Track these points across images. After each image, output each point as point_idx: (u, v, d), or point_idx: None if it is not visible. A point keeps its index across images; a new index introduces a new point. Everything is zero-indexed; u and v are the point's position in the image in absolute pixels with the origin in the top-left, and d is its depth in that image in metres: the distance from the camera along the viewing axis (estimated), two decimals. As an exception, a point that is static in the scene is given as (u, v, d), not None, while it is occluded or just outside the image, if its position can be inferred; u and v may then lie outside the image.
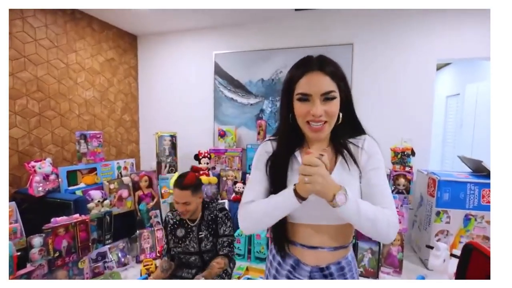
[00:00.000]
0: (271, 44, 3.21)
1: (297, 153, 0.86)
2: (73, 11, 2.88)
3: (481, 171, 2.50)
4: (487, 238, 2.34)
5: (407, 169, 2.53)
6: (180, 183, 1.54)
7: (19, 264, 1.70)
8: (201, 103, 3.54)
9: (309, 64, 0.79)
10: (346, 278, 0.86)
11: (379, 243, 2.32)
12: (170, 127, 3.47)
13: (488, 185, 2.31)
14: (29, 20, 2.49)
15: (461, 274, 1.13)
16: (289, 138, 0.86)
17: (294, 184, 0.75)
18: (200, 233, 1.62)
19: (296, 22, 3.08)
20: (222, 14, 3.01)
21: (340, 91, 0.79)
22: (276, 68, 3.22)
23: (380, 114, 2.92)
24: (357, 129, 0.86)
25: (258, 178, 0.88)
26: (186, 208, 1.52)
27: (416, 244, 2.74)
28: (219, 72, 3.43)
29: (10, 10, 2.32)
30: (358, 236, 2.34)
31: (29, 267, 1.69)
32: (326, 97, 0.77)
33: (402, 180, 2.53)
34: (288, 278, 0.88)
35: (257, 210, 0.82)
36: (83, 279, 2.02)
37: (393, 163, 2.57)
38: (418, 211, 2.76)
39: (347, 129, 0.85)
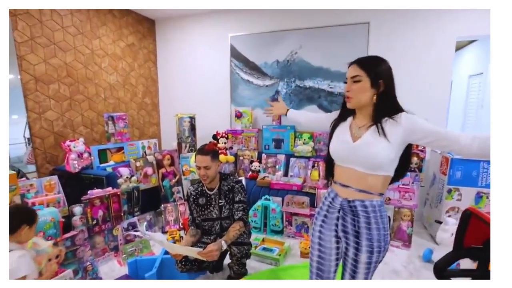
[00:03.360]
0: (286, 25, 3.23)
1: (349, 120, 1.20)
2: (95, -2, 3.01)
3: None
4: (498, 215, 2.38)
5: (420, 148, 2.56)
6: (202, 150, 1.73)
7: (64, 229, 1.94)
8: (218, 85, 3.65)
9: (352, 62, 1.13)
10: (369, 216, 1.10)
11: (388, 218, 2.42)
12: (189, 109, 3.62)
13: (501, 163, 2.33)
14: (57, 9, 2.64)
15: (459, 238, 1.23)
16: (343, 112, 1.23)
17: None
18: (220, 201, 1.79)
19: (310, 1, 3.07)
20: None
21: (371, 78, 1.07)
22: (291, 49, 3.25)
23: (399, 93, 2.93)
24: (395, 109, 1.10)
25: (327, 117, 1.36)
26: (206, 172, 1.69)
27: (427, 221, 2.82)
28: (235, 54, 3.50)
29: None
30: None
31: (72, 232, 1.92)
32: (354, 80, 1.09)
33: (415, 159, 2.58)
34: (329, 206, 1.19)
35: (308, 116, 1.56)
36: (117, 245, 2.26)
37: (406, 142, 2.61)
38: (431, 190, 2.81)
39: (386, 109, 1.09)
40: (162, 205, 2.76)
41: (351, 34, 3.01)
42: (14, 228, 1.24)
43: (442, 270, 1.25)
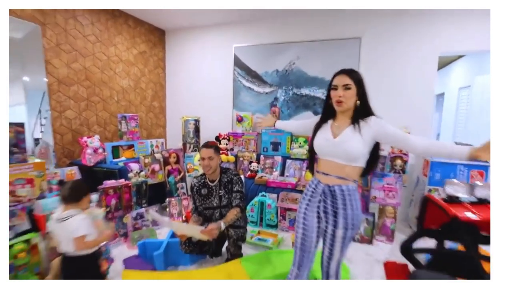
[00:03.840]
0: (286, 38, 3.53)
1: (330, 122, 1.44)
2: (113, 10, 3.33)
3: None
4: (474, 214, 2.61)
5: (403, 152, 2.81)
6: (207, 144, 2.03)
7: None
8: (221, 91, 3.94)
9: (340, 71, 1.38)
10: (345, 199, 1.34)
11: (373, 215, 2.66)
12: (194, 112, 3.90)
13: (475, 167, 2.57)
14: (79, 19, 2.96)
15: (420, 220, 1.47)
16: (325, 114, 1.47)
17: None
18: (220, 191, 2.04)
19: (308, 17, 3.38)
20: (241, 11, 3.36)
21: (356, 86, 1.32)
22: (290, 60, 3.54)
23: (384, 103, 3.18)
24: (368, 113, 1.37)
25: (309, 122, 1.60)
26: (210, 163, 1.97)
27: (413, 221, 3.04)
28: (238, 63, 3.80)
29: (64, 10, 2.79)
30: (356, 208, 2.69)
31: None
32: (346, 87, 1.32)
33: (399, 161, 2.82)
34: (313, 191, 1.43)
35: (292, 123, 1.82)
36: (127, 231, 2.50)
37: (391, 146, 2.86)
38: (415, 191, 3.05)
39: (362, 112, 1.37)
40: (167, 199, 3.00)
41: (344, 47, 3.30)
42: (79, 197, 1.49)
43: (406, 248, 1.48)
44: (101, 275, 1.59)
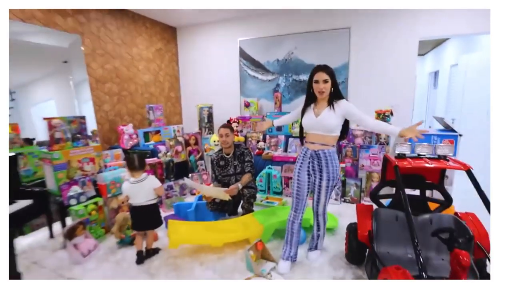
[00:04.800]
0: (284, 31, 3.99)
1: (313, 105, 1.91)
2: (133, 15, 3.84)
3: (447, 127, 3.24)
4: (446, 176, 3.13)
5: (387, 126, 3.32)
6: (224, 125, 2.61)
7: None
8: (229, 80, 4.46)
9: (318, 68, 1.83)
10: (327, 159, 1.87)
11: (361, 180, 3.21)
12: (205, 101, 4.45)
13: (447, 137, 3.07)
14: (108, 26, 3.49)
15: (382, 174, 2.02)
16: (308, 100, 1.93)
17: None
18: (234, 162, 2.63)
19: (303, 11, 3.82)
20: (245, 8, 3.81)
21: (331, 79, 1.80)
22: (288, 50, 4.02)
23: (372, 85, 3.68)
24: (339, 97, 1.88)
25: (297, 110, 2.03)
26: (226, 139, 2.55)
27: (397, 185, 3.58)
28: (243, 55, 4.29)
29: (96, 19, 3.32)
30: (347, 174, 3.25)
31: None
32: (325, 81, 1.79)
33: (383, 135, 3.34)
34: (303, 157, 1.93)
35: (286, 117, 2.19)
36: (161, 199, 3.14)
37: (376, 122, 3.37)
38: (399, 160, 3.56)
39: (335, 96, 1.86)
40: (190, 174, 3.61)
41: (336, 37, 3.75)
42: (144, 165, 2.09)
43: (374, 195, 2.04)
44: (161, 217, 2.19)
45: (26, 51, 2.68)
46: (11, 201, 1.54)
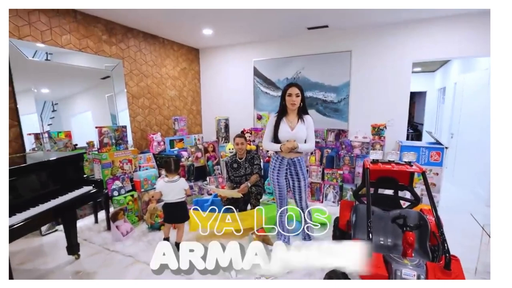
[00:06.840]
0: (293, 53, 4.53)
1: (285, 118, 2.34)
2: (163, 39, 4.52)
3: (436, 140, 3.60)
4: (434, 184, 3.47)
5: (382, 138, 3.72)
6: (239, 135, 3.16)
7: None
8: (244, 96, 5.03)
9: (291, 85, 2.30)
10: (301, 165, 2.41)
11: (356, 185, 3.61)
12: (223, 113, 5.03)
13: (434, 149, 3.43)
14: (143, 51, 4.17)
15: (364, 177, 2.45)
16: (281, 112, 2.36)
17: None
18: (246, 164, 3.14)
19: (309, 36, 4.35)
20: (259, 32, 4.39)
21: (301, 94, 2.28)
22: (297, 70, 4.54)
23: (370, 101, 4.11)
24: (305, 112, 2.33)
25: (269, 129, 2.41)
26: (242, 147, 3.09)
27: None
28: (257, 73, 4.86)
29: (134, 46, 4.00)
30: (344, 180, 3.67)
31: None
32: (297, 95, 2.28)
33: (377, 146, 3.74)
34: (280, 164, 2.40)
35: (267, 145, 2.41)
36: (183, 197, 3.68)
37: (372, 135, 3.78)
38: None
39: (303, 111, 2.36)
40: (208, 177, 4.15)
41: (338, 58, 4.24)
42: (179, 168, 2.60)
43: (355, 193, 2.47)
44: (188, 212, 2.68)
45: (75, 73, 3.26)
46: (80, 186, 2.13)
